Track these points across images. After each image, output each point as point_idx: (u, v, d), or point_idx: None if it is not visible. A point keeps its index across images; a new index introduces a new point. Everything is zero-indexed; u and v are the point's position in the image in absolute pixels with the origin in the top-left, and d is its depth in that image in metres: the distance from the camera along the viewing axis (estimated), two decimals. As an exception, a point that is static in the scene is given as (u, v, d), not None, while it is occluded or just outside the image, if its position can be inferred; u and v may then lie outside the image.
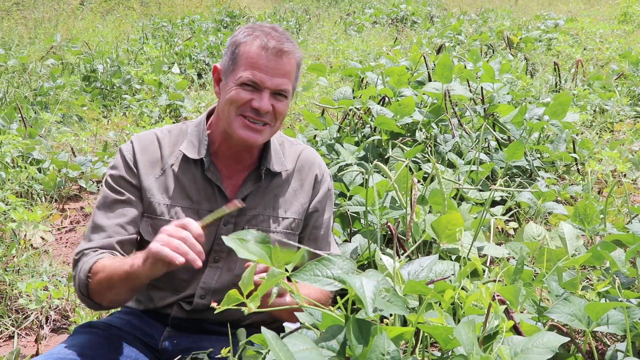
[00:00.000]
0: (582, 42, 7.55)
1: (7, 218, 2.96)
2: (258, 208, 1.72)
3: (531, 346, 1.14)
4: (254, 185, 1.71)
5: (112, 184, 1.67)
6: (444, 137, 3.29)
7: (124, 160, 1.68)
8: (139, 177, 1.67)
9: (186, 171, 1.69)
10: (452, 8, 12.92)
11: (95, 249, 1.60)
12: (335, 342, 1.03)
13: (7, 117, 4.24)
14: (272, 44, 1.59)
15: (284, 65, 1.61)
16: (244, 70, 1.60)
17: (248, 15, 11.45)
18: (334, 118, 3.80)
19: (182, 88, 5.91)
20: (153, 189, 1.67)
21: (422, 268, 1.25)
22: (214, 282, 1.68)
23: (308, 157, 1.82)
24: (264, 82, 1.59)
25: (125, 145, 1.71)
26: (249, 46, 1.60)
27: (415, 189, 2.04)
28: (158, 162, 1.69)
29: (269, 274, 1.06)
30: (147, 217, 1.67)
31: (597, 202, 2.73)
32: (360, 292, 0.98)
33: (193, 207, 1.67)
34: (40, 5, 10.61)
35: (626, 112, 4.64)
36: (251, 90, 1.60)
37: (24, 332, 2.42)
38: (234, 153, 1.70)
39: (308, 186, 1.79)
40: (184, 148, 1.69)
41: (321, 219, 1.80)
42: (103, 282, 1.52)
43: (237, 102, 1.60)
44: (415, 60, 4.32)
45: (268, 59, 1.59)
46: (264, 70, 1.59)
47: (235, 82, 1.60)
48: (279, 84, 1.61)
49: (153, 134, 1.74)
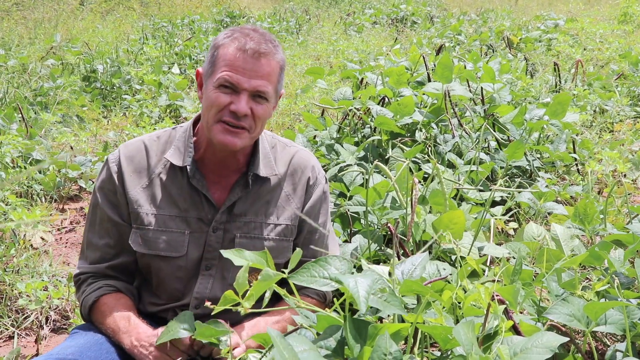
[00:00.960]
0: (582, 42, 7.55)
1: (7, 218, 2.96)
2: (249, 215, 1.69)
3: (530, 346, 1.13)
4: (242, 191, 1.68)
5: (98, 195, 1.69)
6: (444, 137, 3.29)
7: (109, 174, 1.68)
8: (125, 189, 1.66)
9: (173, 179, 1.67)
10: (452, 8, 12.92)
11: (90, 274, 1.71)
12: (333, 342, 1.03)
13: (7, 118, 4.24)
14: (249, 45, 1.56)
15: (262, 66, 1.57)
16: (221, 72, 1.57)
17: (248, 15, 11.45)
18: (333, 118, 3.80)
19: (182, 88, 5.91)
20: (140, 199, 1.66)
21: (414, 266, 1.25)
22: (208, 291, 1.66)
23: (301, 160, 1.77)
24: (240, 83, 1.56)
25: (112, 155, 1.70)
26: (226, 48, 1.58)
27: (416, 189, 2.04)
28: (144, 171, 1.68)
29: (263, 275, 1.06)
30: (136, 228, 1.66)
31: (597, 203, 2.73)
32: (354, 291, 0.99)
33: (181, 215, 1.66)
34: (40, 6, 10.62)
35: (626, 112, 4.63)
36: (230, 92, 1.57)
37: (24, 332, 2.42)
38: (219, 159, 1.68)
39: (301, 190, 1.75)
40: (169, 155, 1.67)
41: (316, 223, 1.76)
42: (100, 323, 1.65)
43: (216, 105, 1.57)
44: (414, 61, 4.32)
45: (245, 60, 1.56)
46: (241, 72, 1.56)
47: (214, 84, 1.58)
48: (257, 86, 1.57)
49: (141, 142, 1.72)
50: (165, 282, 1.68)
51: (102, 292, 1.66)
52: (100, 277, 1.70)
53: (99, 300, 1.65)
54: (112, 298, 1.66)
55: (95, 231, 1.70)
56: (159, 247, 1.65)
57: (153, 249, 1.65)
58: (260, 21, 10.58)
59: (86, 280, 1.71)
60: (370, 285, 1.00)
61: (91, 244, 1.71)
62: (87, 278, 1.71)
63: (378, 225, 2.41)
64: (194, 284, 1.67)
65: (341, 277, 1.03)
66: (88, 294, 1.67)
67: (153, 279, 1.70)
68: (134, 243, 1.66)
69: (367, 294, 0.99)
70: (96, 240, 1.70)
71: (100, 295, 1.66)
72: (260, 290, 1.06)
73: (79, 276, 1.72)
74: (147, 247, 1.65)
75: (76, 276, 1.73)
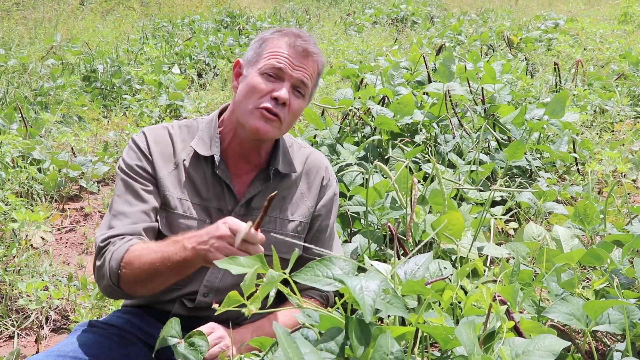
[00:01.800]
0: (582, 42, 7.55)
1: (7, 218, 2.96)
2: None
3: (532, 348, 1.13)
4: (262, 185, 1.71)
5: (128, 172, 1.64)
6: (445, 138, 3.29)
7: (139, 149, 1.67)
8: (154, 167, 1.66)
9: (197, 168, 1.69)
10: (452, 8, 12.92)
11: (122, 235, 1.55)
12: (335, 344, 1.03)
13: (7, 117, 4.24)
14: (299, 42, 1.63)
15: (308, 63, 1.64)
16: (268, 58, 1.62)
17: (248, 15, 11.45)
18: (333, 118, 3.80)
19: (182, 88, 5.91)
20: (167, 181, 1.66)
21: (417, 267, 1.25)
22: (218, 280, 1.68)
23: (316, 161, 1.82)
24: (286, 71, 1.61)
25: (137, 135, 1.69)
26: (276, 41, 1.64)
27: (415, 189, 2.04)
28: (171, 156, 1.69)
29: (268, 277, 1.06)
30: (162, 209, 1.66)
31: (597, 202, 2.73)
32: (359, 297, 0.97)
33: (202, 204, 1.67)
34: (40, 5, 10.61)
35: (626, 112, 4.63)
36: (273, 80, 1.61)
37: (24, 332, 2.42)
38: (244, 151, 1.70)
39: (315, 190, 1.79)
40: (194, 144, 1.68)
41: (325, 222, 1.81)
42: (142, 272, 1.47)
43: (259, 91, 1.61)
44: (414, 61, 4.32)
45: (294, 54, 1.62)
46: (289, 63, 1.62)
47: (259, 70, 1.62)
48: (301, 77, 1.63)
49: (164, 128, 1.73)
50: None
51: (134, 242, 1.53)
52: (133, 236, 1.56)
53: (130, 248, 1.50)
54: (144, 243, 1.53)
55: (126, 200, 1.60)
56: (182, 232, 1.64)
57: (176, 232, 1.60)
58: (260, 21, 10.57)
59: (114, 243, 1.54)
60: (376, 292, 0.98)
61: (121, 213, 1.58)
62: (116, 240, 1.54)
63: (378, 225, 2.41)
64: (205, 273, 1.67)
65: (345, 278, 1.02)
66: (117, 248, 1.52)
67: None
68: (159, 223, 1.64)
69: (374, 301, 0.97)
70: (127, 208, 1.58)
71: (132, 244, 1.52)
72: (266, 292, 1.06)
73: (107, 240, 1.54)
74: (170, 230, 1.64)
75: (104, 240, 1.54)
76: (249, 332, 1.61)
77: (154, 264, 1.45)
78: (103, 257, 1.54)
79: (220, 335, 1.53)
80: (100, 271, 1.55)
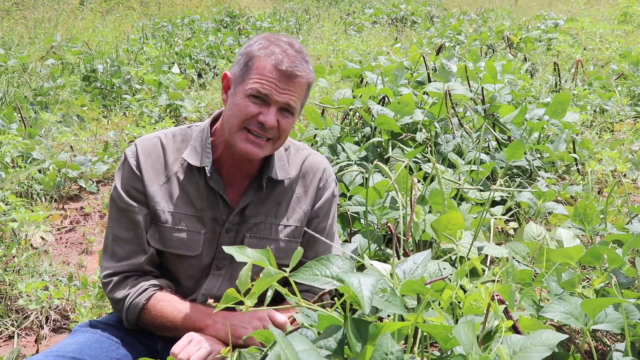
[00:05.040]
0: (582, 42, 7.55)
1: (7, 218, 2.96)
2: (260, 216, 1.71)
3: (530, 344, 1.13)
4: (255, 194, 1.71)
5: (122, 195, 1.67)
6: (445, 137, 3.29)
7: (130, 168, 1.68)
8: (144, 184, 1.67)
9: (190, 179, 1.69)
10: (452, 8, 12.93)
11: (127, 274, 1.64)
12: (333, 341, 1.03)
13: (7, 117, 4.24)
14: (286, 64, 1.57)
15: (295, 85, 1.59)
16: (254, 82, 1.58)
17: (248, 15, 11.45)
18: (333, 118, 3.80)
19: (182, 88, 5.91)
20: (157, 196, 1.66)
21: (416, 265, 1.25)
22: (216, 289, 1.68)
23: (313, 163, 1.80)
24: (272, 96, 1.58)
25: (130, 149, 1.70)
26: (262, 61, 1.58)
27: (415, 189, 2.04)
28: (162, 168, 1.69)
29: (264, 273, 1.06)
30: (153, 224, 1.67)
31: (597, 202, 2.73)
32: (357, 290, 0.98)
33: (197, 215, 1.68)
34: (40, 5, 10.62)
35: (626, 112, 4.64)
36: (259, 103, 1.59)
37: (24, 332, 2.42)
38: (236, 162, 1.70)
39: (312, 193, 1.78)
40: (186, 155, 1.68)
41: (323, 224, 1.79)
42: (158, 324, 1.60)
43: (244, 114, 1.59)
44: (414, 60, 4.32)
45: (280, 78, 1.57)
46: (274, 87, 1.58)
47: (244, 92, 1.59)
48: (287, 100, 1.59)
49: (157, 138, 1.72)
50: (177, 279, 1.70)
51: (151, 293, 1.62)
52: (140, 275, 1.66)
53: (149, 300, 1.60)
54: (163, 295, 1.63)
55: (123, 225, 1.66)
56: (175, 245, 1.66)
57: (169, 246, 1.66)
58: (260, 21, 10.58)
59: (124, 282, 1.64)
60: (374, 285, 1.00)
61: (118, 239, 1.66)
62: (125, 278, 1.64)
63: (378, 225, 2.42)
64: (204, 282, 1.68)
65: (344, 275, 1.03)
66: (134, 298, 1.61)
67: (166, 274, 1.71)
68: (151, 238, 1.66)
69: (371, 294, 0.98)
70: (124, 234, 1.65)
71: (150, 295, 1.61)
72: (262, 288, 1.06)
73: (111, 277, 1.64)
74: (164, 244, 1.66)
75: (107, 276, 1.64)
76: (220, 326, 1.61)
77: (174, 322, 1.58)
78: (114, 291, 1.64)
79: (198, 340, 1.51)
80: (116, 305, 1.66)
